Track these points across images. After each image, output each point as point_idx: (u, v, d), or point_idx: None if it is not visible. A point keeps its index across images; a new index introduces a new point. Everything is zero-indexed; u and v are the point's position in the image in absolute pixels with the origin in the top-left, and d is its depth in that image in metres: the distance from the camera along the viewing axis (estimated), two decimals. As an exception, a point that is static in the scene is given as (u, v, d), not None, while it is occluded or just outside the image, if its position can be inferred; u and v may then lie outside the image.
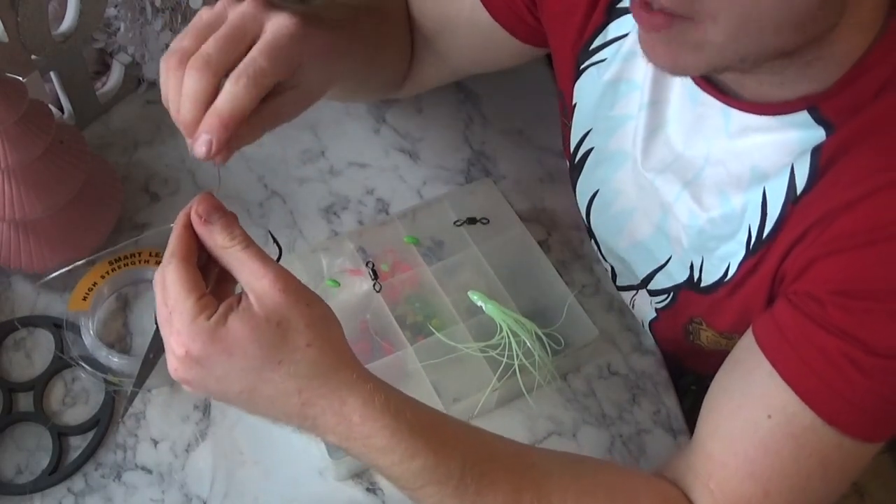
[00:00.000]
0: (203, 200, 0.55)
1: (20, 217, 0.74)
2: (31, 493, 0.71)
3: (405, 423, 0.54)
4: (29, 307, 0.80)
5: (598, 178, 0.76)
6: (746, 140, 0.61)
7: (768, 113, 0.59)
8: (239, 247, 0.54)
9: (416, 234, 0.83)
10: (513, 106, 0.99)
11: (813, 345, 0.56)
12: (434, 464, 0.55)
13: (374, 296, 0.78)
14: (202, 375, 0.53)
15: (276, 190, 0.90)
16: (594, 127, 0.74)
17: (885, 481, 1.33)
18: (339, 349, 0.55)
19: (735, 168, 0.62)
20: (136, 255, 0.82)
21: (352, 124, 0.96)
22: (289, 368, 0.53)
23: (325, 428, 0.54)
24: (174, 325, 0.52)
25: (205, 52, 0.53)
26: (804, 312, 0.57)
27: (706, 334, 0.72)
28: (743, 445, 0.59)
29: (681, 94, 0.65)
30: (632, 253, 0.75)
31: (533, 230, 0.85)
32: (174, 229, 0.55)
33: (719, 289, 0.66)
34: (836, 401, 0.56)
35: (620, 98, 0.70)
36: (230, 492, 0.72)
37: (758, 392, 0.59)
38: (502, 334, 0.75)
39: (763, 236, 0.61)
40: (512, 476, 0.58)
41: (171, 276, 0.53)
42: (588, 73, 0.73)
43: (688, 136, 0.66)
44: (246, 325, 0.52)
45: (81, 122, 0.91)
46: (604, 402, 0.79)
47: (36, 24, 0.75)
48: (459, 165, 0.94)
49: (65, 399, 0.76)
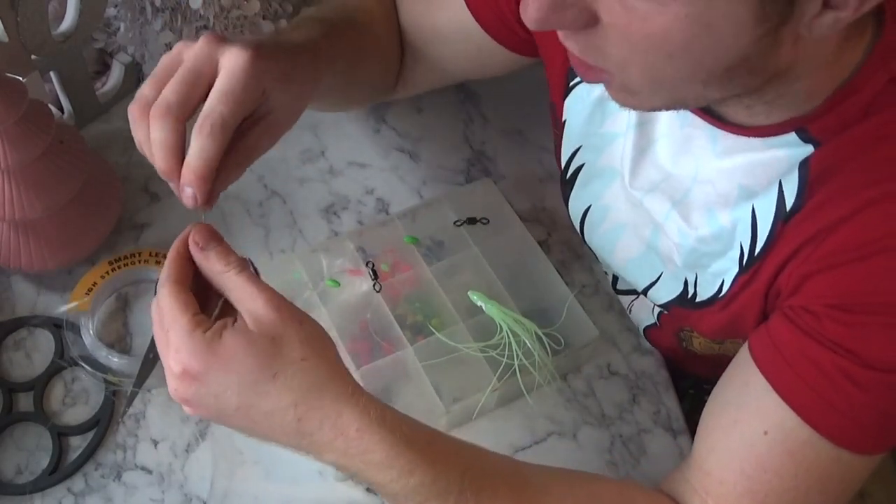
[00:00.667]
0: (199, 230, 0.56)
1: (20, 217, 0.74)
2: (31, 493, 0.71)
3: (402, 437, 0.54)
4: (29, 307, 0.80)
5: (589, 194, 0.76)
6: (734, 159, 0.61)
7: (755, 135, 0.59)
8: (234, 271, 0.54)
9: (416, 234, 0.83)
10: (513, 106, 0.99)
11: (808, 359, 0.56)
12: (433, 478, 0.54)
13: (374, 296, 0.78)
14: (201, 393, 0.53)
15: (276, 190, 0.90)
16: (584, 144, 0.74)
17: (887, 483, 1.33)
18: (333, 365, 0.55)
19: (723, 187, 0.62)
20: (136, 255, 0.82)
21: (352, 124, 0.96)
22: (284, 381, 0.53)
23: (322, 444, 0.54)
24: (171, 342, 0.53)
25: (164, 99, 0.53)
26: (800, 327, 0.57)
27: (698, 341, 0.72)
28: (740, 462, 0.59)
29: (668, 114, 0.65)
30: (625, 269, 0.75)
31: (533, 230, 0.85)
32: (168, 256, 0.56)
33: (714, 303, 0.66)
34: (832, 415, 0.56)
35: (609, 116, 0.71)
36: (230, 492, 0.72)
37: (753, 407, 0.59)
38: (502, 334, 0.75)
39: (755, 253, 0.61)
40: (510, 492, 0.58)
41: (166, 298, 0.54)
42: (577, 90, 0.73)
43: (676, 156, 0.66)
44: (241, 338, 0.52)
45: (81, 122, 0.91)
46: (604, 402, 0.79)
47: (36, 24, 0.75)
48: (459, 165, 0.94)
49: (65, 399, 0.76)
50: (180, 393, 0.54)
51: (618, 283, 0.83)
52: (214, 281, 0.55)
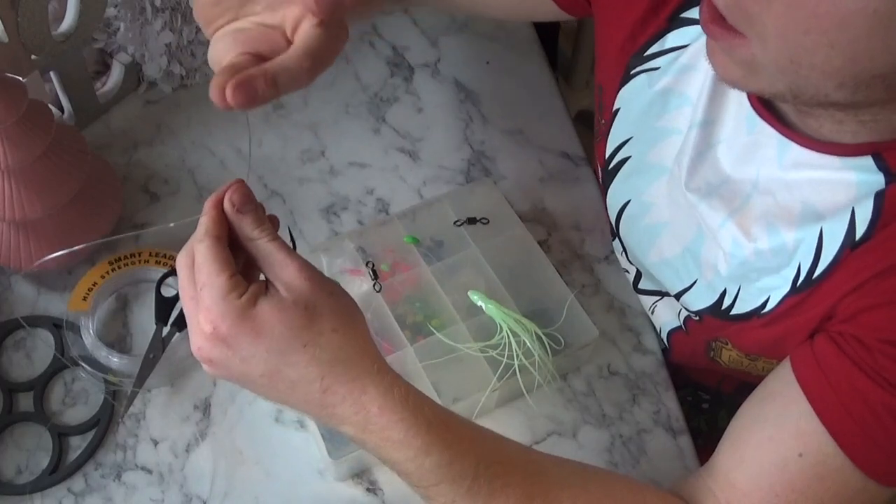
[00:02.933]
0: (237, 189, 0.55)
1: (20, 217, 0.74)
2: (31, 493, 0.71)
3: (423, 418, 0.54)
4: (29, 307, 0.81)
5: (629, 189, 0.74)
6: (800, 174, 0.60)
7: (828, 152, 0.58)
8: (266, 238, 0.54)
9: (416, 234, 0.83)
10: (513, 106, 0.99)
11: (855, 390, 0.55)
12: (448, 461, 0.55)
13: (374, 296, 0.78)
14: (227, 356, 0.53)
15: (276, 190, 0.90)
16: (635, 136, 0.72)
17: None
18: (363, 339, 0.55)
19: (784, 200, 0.61)
20: (136, 255, 0.82)
21: (352, 124, 0.96)
22: (314, 352, 0.53)
23: (342, 418, 0.54)
24: (204, 301, 0.52)
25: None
26: (848, 355, 0.56)
27: (729, 354, 0.71)
28: (770, 480, 0.59)
29: (736, 116, 0.64)
30: (659, 269, 0.74)
31: (533, 230, 0.85)
32: (206, 210, 0.55)
33: (752, 318, 0.65)
34: (872, 449, 0.55)
35: (669, 110, 0.69)
36: (230, 492, 0.72)
37: (793, 429, 0.58)
38: (502, 334, 0.75)
39: (813, 277, 0.60)
40: (524, 481, 0.58)
41: (205, 252, 0.53)
42: (637, 79, 0.70)
43: (738, 161, 0.64)
44: (275, 307, 0.52)
45: (81, 122, 0.91)
46: (604, 402, 0.79)
47: (36, 24, 0.75)
48: (459, 165, 0.94)
49: (65, 399, 0.76)
50: (205, 352, 0.53)
51: (640, 283, 0.82)
52: (246, 244, 0.55)
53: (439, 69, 1.01)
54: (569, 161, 0.95)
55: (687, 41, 0.67)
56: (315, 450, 0.74)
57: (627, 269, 0.83)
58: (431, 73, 1.01)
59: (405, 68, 1.01)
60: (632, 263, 0.81)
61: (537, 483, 0.58)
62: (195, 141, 0.93)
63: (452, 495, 0.55)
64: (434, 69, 1.01)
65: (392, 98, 0.98)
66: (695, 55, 0.66)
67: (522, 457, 0.60)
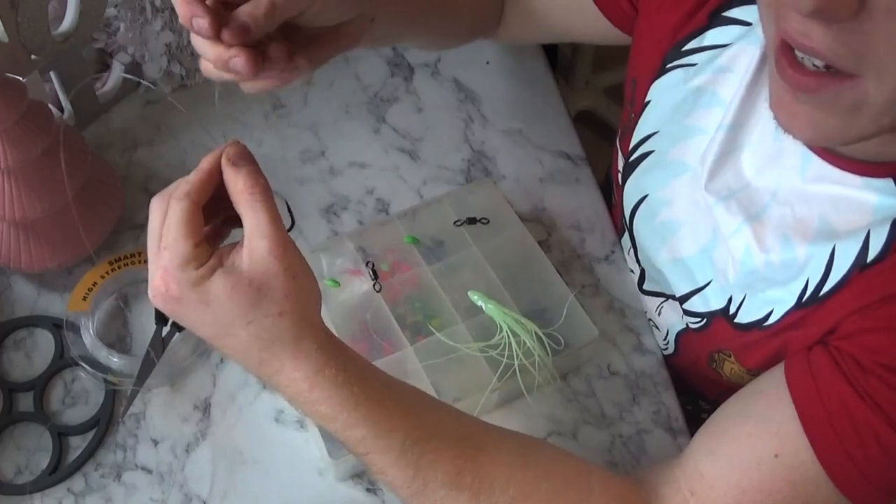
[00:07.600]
0: (235, 145, 0.56)
1: (20, 217, 0.74)
2: (31, 493, 0.71)
3: (350, 396, 0.56)
4: (29, 307, 0.81)
5: (648, 183, 0.74)
6: (820, 188, 0.59)
7: (850, 170, 0.58)
8: (258, 196, 0.55)
9: (416, 234, 0.83)
10: (513, 106, 0.99)
11: (843, 405, 0.55)
12: (374, 435, 0.56)
13: (374, 296, 0.78)
14: (176, 311, 0.55)
15: (275, 190, 0.88)
16: (662, 130, 0.72)
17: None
18: (307, 322, 0.56)
19: (802, 213, 0.61)
20: (136, 255, 0.82)
21: (352, 124, 0.96)
22: (256, 331, 0.54)
23: (277, 386, 0.57)
24: (163, 259, 0.54)
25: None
26: (843, 371, 0.56)
27: (732, 367, 0.71)
28: (740, 475, 0.59)
29: (764, 122, 0.63)
30: (671, 268, 0.74)
31: (533, 230, 0.85)
32: (197, 171, 0.55)
33: (753, 330, 0.65)
34: (848, 465, 0.55)
35: (700, 109, 0.68)
36: (230, 492, 0.72)
37: (774, 429, 0.58)
38: (502, 334, 0.75)
39: (820, 294, 0.60)
40: (457, 457, 0.58)
41: (179, 214, 0.54)
42: (673, 73, 0.70)
43: (760, 168, 0.64)
44: (228, 283, 0.53)
45: (81, 122, 0.91)
46: (604, 402, 0.79)
47: (36, 24, 0.75)
48: (459, 165, 0.94)
49: (65, 399, 0.76)
50: (157, 302, 0.55)
51: (645, 283, 0.81)
52: (235, 199, 0.55)
53: (439, 69, 1.02)
54: (569, 161, 0.95)
55: (726, 41, 0.66)
56: (315, 450, 0.74)
57: (633, 268, 0.83)
58: (431, 73, 1.01)
59: (405, 68, 1.01)
60: (639, 263, 0.81)
61: (470, 459, 0.59)
62: (195, 141, 0.92)
63: (382, 464, 0.57)
64: (434, 69, 1.01)
65: (392, 98, 0.98)
66: (733, 58, 0.66)
67: (458, 433, 0.60)
